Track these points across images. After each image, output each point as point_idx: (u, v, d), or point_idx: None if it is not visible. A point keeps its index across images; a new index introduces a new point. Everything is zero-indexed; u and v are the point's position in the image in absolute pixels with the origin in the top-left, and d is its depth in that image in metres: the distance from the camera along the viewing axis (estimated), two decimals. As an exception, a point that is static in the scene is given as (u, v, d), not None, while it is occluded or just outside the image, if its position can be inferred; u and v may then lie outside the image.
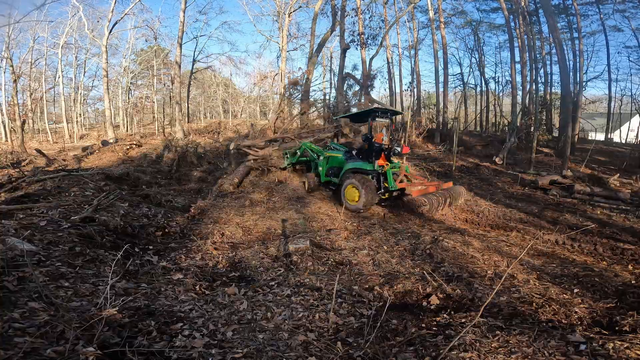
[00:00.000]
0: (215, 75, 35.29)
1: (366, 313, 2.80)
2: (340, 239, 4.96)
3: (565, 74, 15.30)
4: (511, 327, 2.47)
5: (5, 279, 2.58)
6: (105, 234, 4.12)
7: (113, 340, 2.09)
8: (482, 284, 3.44)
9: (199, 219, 5.91)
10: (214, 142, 13.35)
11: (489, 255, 4.54)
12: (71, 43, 28.07)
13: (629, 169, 13.27)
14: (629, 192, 9.54)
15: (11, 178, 6.59)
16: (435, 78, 22.33)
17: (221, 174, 9.61)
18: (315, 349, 2.31)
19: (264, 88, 31.40)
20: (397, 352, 2.29)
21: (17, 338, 1.92)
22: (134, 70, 32.00)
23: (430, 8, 21.64)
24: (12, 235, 3.47)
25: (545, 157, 15.35)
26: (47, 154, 12.06)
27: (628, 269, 4.36)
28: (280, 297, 3.10)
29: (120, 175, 8.14)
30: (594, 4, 19.93)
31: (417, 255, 4.33)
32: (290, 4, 20.59)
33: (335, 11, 12.87)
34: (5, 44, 19.05)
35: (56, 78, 28.63)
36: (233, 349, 2.23)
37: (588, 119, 20.34)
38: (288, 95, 17.61)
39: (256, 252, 4.33)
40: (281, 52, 20.74)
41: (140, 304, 2.67)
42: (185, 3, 16.74)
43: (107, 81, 20.23)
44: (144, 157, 11.17)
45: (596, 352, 2.08)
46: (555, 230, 6.13)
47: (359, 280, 3.54)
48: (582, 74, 20.22)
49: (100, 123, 36.46)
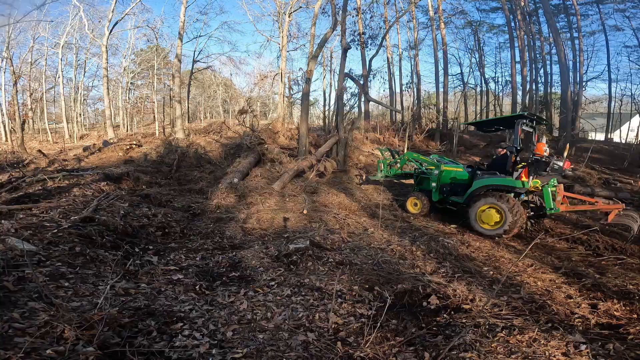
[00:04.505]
0: (215, 75, 35.27)
1: (366, 313, 2.79)
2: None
3: (565, 73, 15.30)
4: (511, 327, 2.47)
5: (5, 279, 2.58)
6: (105, 234, 4.12)
7: (113, 340, 2.09)
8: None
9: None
10: (215, 142, 13.34)
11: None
12: (71, 43, 28.10)
13: (629, 169, 13.26)
14: (629, 192, 9.55)
15: (11, 178, 6.59)
16: (435, 78, 22.37)
17: (222, 174, 9.61)
18: (315, 349, 2.31)
19: (264, 88, 31.38)
20: (397, 352, 2.29)
21: (17, 338, 1.93)
22: (134, 70, 32.00)
23: (431, 8, 21.66)
24: (12, 235, 3.47)
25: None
26: (47, 154, 12.08)
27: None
28: (280, 297, 3.09)
29: (120, 175, 8.13)
30: (594, 3, 19.92)
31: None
32: (291, 4, 20.59)
33: (336, 10, 12.86)
34: (5, 44, 19.05)
35: (56, 78, 28.62)
36: (233, 349, 2.23)
37: (588, 119, 20.33)
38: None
39: (256, 252, 4.33)
40: (281, 52, 20.74)
41: (140, 304, 2.67)
42: (186, 1, 16.76)
43: (107, 81, 20.25)
44: (144, 157, 11.17)
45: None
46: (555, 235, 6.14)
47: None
48: (582, 73, 20.22)
49: (100, 123, 36.46)
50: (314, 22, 17.96)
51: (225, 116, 35.68)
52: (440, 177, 6.97)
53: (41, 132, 28.81)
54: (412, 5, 20.31)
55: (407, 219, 6.77)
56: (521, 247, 5.37)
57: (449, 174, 6.94)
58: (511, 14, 20.08)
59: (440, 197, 6.94)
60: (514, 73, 20.44)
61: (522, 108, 19.51)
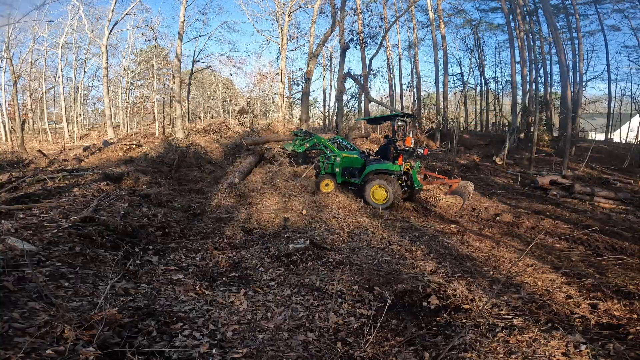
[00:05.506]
0: (215, 75, 35.27)
1: (366, 313, 2.79)
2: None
3: (565, 73, 15.30)
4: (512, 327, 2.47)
5: (5, 279, 2.58)
6: (105, 234, 4.11)
7: (113, 340, 2.09)
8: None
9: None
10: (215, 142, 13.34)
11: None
12: (71, 43, 28.12)
13: (629, 169, 13.27)
14: (629, 192, 9.55)
15: (11, 178, 6.59)
16: (435, 78, 22.37)
17: (222, 174, 9.61)
18: (315, 349, 2.31)
19: (264, 88, 31.38)
20: (397, 352, 2.29)
21: (17, 338, 1.93)
22: (134, 70, 32.00)
23: (430, 8, 21.65)
24: (12, 235, 3.47)
25: (545, 156, 15.35)
26: (47, 154, 12.07)
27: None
28: (280, 297, 3.09)
29: (120, 175, 8.13)
30: (592, 3, 19.92)
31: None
32: (290, 4, 20.59)
33: (335, 11, 12.87)
34: (5, 44, 19.04)
35: (56, 78, 28.63)
36: (233, 349, 2.23)
37: (588, 119, 20.32)
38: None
39: (256, 252, 4.33)
40: (281, 52, 20.75)
41: (140, 304, 2.67)
42: (186, 1, 16.76)
43: (107, 81, 20.25)
44: (144, 157, 11.16)
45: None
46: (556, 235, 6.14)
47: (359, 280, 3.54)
48: (582, 73, 20.22)
49: (100, 123, 36.48)
50: (313, 22, 18.00)
51: (225, 116, 35.70)
52: (341, 162, 8.34)
53: (41, 132, 28.82)
54: (412, 5, 20.33)
55: (407, 219, 6.78)
56: (521, 247, 5.38)
57: (347, 160, 8.34)
58: (510, 14, 20.07)
59: (343, 179, 8.37)
60: (513, 73, 20.43)
61: (522, 108, 19.52)
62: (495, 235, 6.16)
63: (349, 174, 8.30)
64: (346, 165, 8.33)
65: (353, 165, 8.27)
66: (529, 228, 6.64)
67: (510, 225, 6.74)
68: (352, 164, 8.28)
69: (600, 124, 22.31)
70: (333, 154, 8.60)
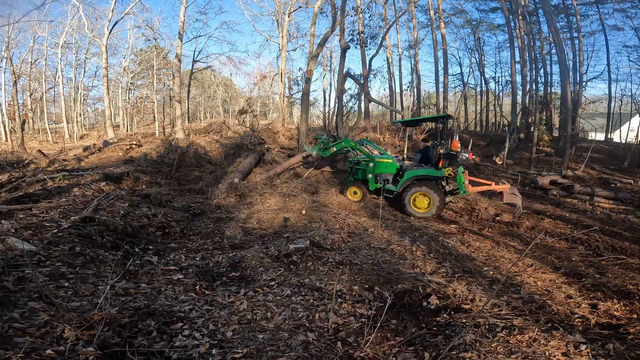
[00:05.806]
0: (215, 75, 35.25)
1: (366, 313, 2.79)
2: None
3: (565, 73, 15.30)
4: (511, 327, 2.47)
5: (5, 279, 2.58)
6: (105, 234, 4.11)
7: (113, 340, 2.09)
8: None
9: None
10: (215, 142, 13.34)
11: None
12: (71, 43, 28.10)
13: (629, 169, 13.27)
14: (629, 192, 9.55)
15: (11, 178, 6.59)
16: (435, 78, 22.36)
17: (222, 174, 9.61)
18: (315, 349, 2.31)
19: (264, 88, 31.38)
20: (397, 352, 2.29)
21: (17, 338, 1.93)
22: (134, 70, 31.99)
23: (430, 8, 21.66)
24: (12, 235, 3.47)
25: (545, 156, 15.35)
26: (47, 154, 12.07)
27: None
28: (280, 297, 3.09)
29: (120, 175, 8.13)
30: (594, 3, 19.91)
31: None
32: (290, 4, 20.58)
33: (335, 11, 12.86)
34: (5, 44, 19.04)
35: (56, 78, 28.62)
36: (233, 349, 2.23)
37: (588, 119, 20.31)
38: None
39: (256, 252, 4.33)
40: (281, 52, 20.74)
41: (140, 304, 2.67)
42: (186, 0, 16.75)
43: (107, 81, 20.25)
44: (144, 157, 11.16)
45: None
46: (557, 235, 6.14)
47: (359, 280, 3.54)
48: (582, 73, 20.22)
49: (100, 123, 36.47)
50: (313, 22, 17.96)
51: (225, 116, 35.69)
52: (375, 168, 7.71)
53: (41, 132, 28.81)
54: (412, 5, 20.32)
55: (407, 219, 6.78)
56: (521, 247, 5.37)
57: (382, 165, 7.72)
58: (511, 14, 20.07)
59: (376, 186, 7.68)
60: (513, 73, 20.43)
61: (522, 108, 19.51)
62: (495, 235, 6.16)
63: (383, 180, 7.66)
64: (380, 171, 7.72)
65: (387, 170, 7.68)
66: (529, 228, 6.64)
67: (510, 225, 6.73)
68: (386, 169, 7.68)
69: (600, 124, 22.29)
70: (364, 158, 7.99)
